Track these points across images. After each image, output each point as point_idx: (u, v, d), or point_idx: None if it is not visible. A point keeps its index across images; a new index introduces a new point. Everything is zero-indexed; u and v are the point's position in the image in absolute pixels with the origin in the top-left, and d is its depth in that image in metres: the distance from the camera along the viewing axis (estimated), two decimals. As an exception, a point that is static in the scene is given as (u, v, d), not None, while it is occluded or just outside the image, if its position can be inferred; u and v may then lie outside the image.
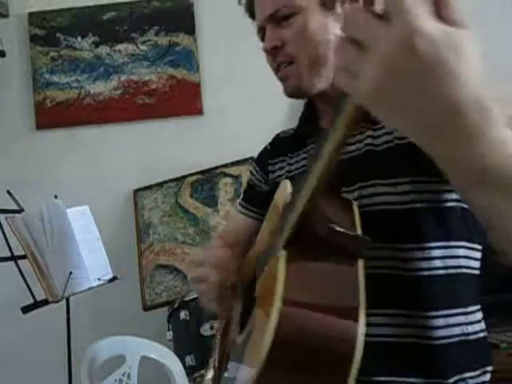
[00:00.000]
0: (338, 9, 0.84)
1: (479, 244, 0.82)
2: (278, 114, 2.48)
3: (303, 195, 0.60)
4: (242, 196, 1.13)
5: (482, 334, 0.81)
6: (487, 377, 0.83)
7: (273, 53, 0.88)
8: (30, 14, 2.51)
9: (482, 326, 0.82)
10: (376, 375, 0.75)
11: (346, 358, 0.55)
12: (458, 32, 0.41)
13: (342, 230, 0.61)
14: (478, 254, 0.82)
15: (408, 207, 0.76)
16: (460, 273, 0.79)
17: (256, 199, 1.05)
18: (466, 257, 0.79)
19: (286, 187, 0.80)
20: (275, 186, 0.90)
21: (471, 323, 0.79)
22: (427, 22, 0.40)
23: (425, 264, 0.76)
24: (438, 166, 0.48)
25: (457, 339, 0.77)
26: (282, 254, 0.61)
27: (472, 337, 0.79)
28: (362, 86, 0.43)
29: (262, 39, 0.92)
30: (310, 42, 0.84)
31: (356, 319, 0.56)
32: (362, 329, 0.56)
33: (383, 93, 0.43)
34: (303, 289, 0.59)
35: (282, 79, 0.90)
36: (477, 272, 0.82)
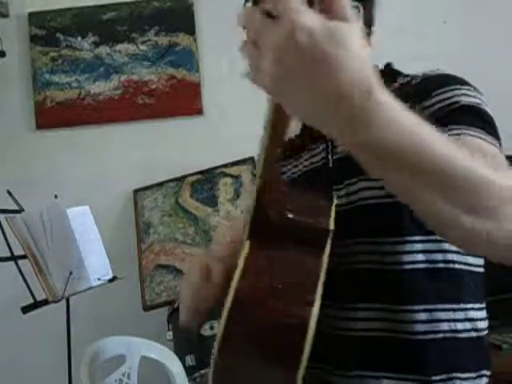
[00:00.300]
0: None
1: None
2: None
3: (255, 184, 0.65)
4: None
5: (474, 334, 0.79)
6: (483, 381, 0.80)
7: None
8: (30, 14, 2.51)
9: (479, 325, 0.80)
10: (349, 369, 0.76)
11: (295, 342, 0.57)
12: (338, 24, 0.44)
13: (296, 217, 0.65)
14: None
15: (390, 201, 0.75)
16: (449, 268, 0.78)
17: None
18: (458, 252, 0.78)
19: None
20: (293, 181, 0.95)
21: (461, 320, 0.78)
22: (308, 18, 0.44)
23: (406, 258, 0.77)
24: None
25: (442, 335, 0.76)
26: (245, 244, 0.65)
27: (462, 335, 0.77)
28: (261, 80, 0.48)
29: None
30: None
31: (308, 305, 0.58)
32: (313, 315, 0.58)
33: (279, 84, 0.47)
34: (257, 276, 0.62)
35: None
36: (476, 269, 0.81)
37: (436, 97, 0.79)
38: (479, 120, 0.76)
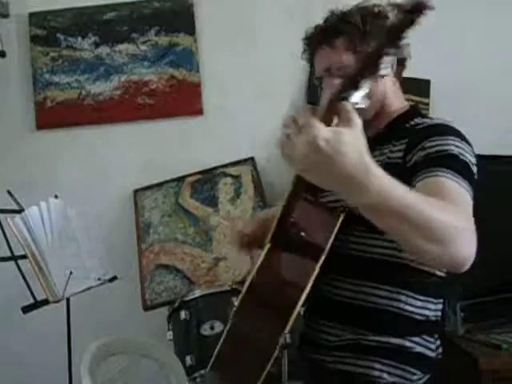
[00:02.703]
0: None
1: None
2: (279, 114, 2.47)
3: (281, 207, 1.04)
4: None
5: (418, 317, 1.16)
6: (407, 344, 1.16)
7: None
8: (31, 15, 2.51)
9: (426, 311, 1.16)
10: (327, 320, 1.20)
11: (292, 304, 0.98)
12: (342, 130, 0.71)
13: (305, 236, 1.04)
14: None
15: None
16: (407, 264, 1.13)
17: None
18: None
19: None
20: None
21: (409, 304, 1.14)
22: (322, 129, 0.70)
23: (377, 250, 1.14)
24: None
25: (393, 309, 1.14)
26: (266, 246, 1.05)
27: (406, 314, 1.14)
28: (292, 165, 0.75)
29: (319, 85, 1.27)
30: None
31: (302, 289, 0.99)
32: (301, 298, 0.99)
33: (304, 171, 0.75)
34: (270, 270, 1.04)
35: None
36: (426, 268, 1.14)
37: (433, 141, 1.09)
38: (458, 166, 1.04)
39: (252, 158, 2.41)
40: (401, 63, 1.25)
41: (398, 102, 1.26)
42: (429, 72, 2.28)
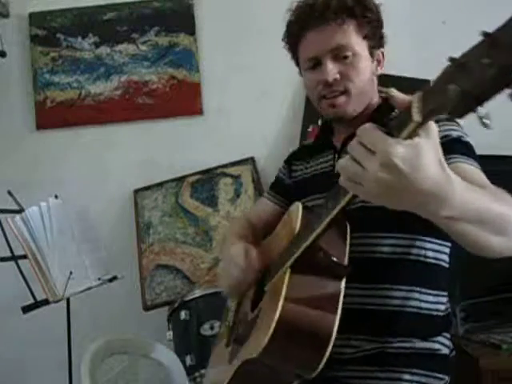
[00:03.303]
0: (374, 59, 1.14)
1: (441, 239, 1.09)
2: (278, 114, 2.48)
3: (308, 240, 0.88)
4: (270, 186, 1.41)
5: (435, 313, 1.09)
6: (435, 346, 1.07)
7: (332, 83, 1.09)
8: (31, 15, 2.51)
9: (440, 305, 1.10)
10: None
11: (324, 342, 0.88)
12: (419, 142, 0.63)
13: (328, 257, 0.93)
14: (437, 247, 1.09)
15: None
16: (408, 259, 1.07)
17: (280, 189, 1.34)
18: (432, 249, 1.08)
19: (298, 211, 1.05)
20: (296, 184, 1.28)
21: (424, 300, 1.07)
22: (396, 146, 0.62)
23: (386, 249, 1.06)
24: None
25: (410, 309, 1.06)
26: (288, 270, 0.93)
27: (424, 312, 1.07)
28: (365, 192, 0.67)
29: (313, 67, 1.12)
30: (360, 79, 1.10)
31: (333, 313, 0.89)
32: (336, 321, 0.89)
33: (380, 195, 0.66)
34: (299, 293, 0.92)
35: (331, 106, 1.12)
36: (434, 261, 1.09)
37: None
38: (466, 149, 1.01)
39: (252, 158, 2.41)
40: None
41: (377, 99, 1.19)
42: (429, 72, 2.27)
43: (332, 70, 1.08)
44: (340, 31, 1.07)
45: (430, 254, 1.08)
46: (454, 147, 0.99)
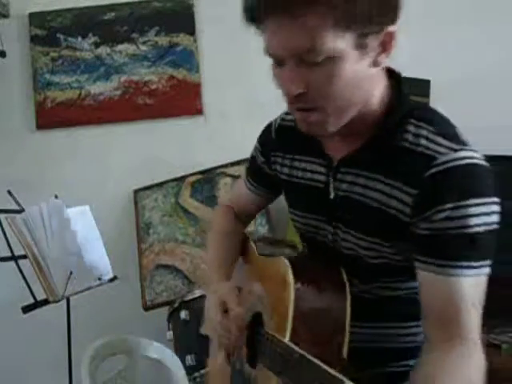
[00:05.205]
0: (370, 48, 0.76)
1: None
2: (278, 114, 2.47)
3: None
4: (246, 171, 1.16)
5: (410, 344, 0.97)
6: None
7: (294, 99, 0.79)
8: (31, 15, 2.51)
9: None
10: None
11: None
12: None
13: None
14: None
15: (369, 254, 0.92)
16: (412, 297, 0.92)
17: (262, 180, 1.12)
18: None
19: (286, 270, 0.89)
20: (286, 183, 1.02)
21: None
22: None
23: (402, 290, 0.94)
24: None
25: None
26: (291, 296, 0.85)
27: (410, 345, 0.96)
28: None
29: (278, 64, 0.80)
30: (339, 91, 0.77)
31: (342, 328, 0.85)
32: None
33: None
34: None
35: (303, 121, 0.83)
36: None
37: (442, 213, 0.78)
38: (481, 249, 0.78)
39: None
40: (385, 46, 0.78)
41: (380, 95, 0.85)
42: (429, 72, 2.28)
43: (294, 79, 0.77)
44: (308, 28, 0.72)
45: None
46: (461, 250, 0.78)
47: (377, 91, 0.84)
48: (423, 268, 0.80)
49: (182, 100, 2.48)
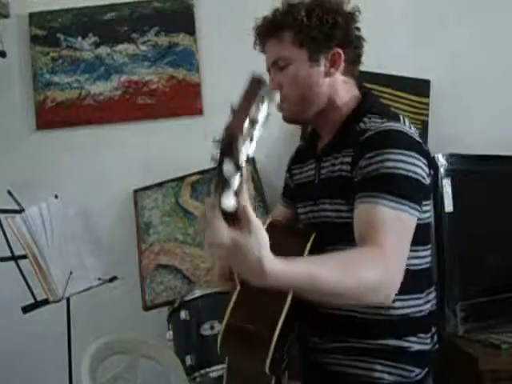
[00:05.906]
0: (322, 62, 1.16)
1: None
2: (278, 114, 2.48)
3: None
4: (281, 194, 1.48)
5: (412, 315, 1.15)
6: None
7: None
8: (31, 15, 2.51)
9: (420, 306, 1.16)
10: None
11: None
12: (240, 242, 0.78)
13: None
14: None
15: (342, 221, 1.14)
16: None
17: (288, 193, 1.43)
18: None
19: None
20: (295, 186, 1.36)
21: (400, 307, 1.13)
22: (224, 238, 0.78)
23: None
24: None
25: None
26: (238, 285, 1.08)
27: (398, 317, 1.13)
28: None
29: (269, 72, 1.24)
30: (298, 86, 1.17)
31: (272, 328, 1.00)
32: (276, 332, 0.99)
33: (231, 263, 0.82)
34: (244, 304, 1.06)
35: (279, 108, 1.20)
36: (416, 267, 1.13)
37: (368, 160, 1.05)
38: (398, 187, 1.01)
39: (252, 158, 2.41)
40: (353, 61, 1.19)
41: (348, 100, 1.19)
42: (429, 72, 2.28)
43: (273, 80, 1.20)
44: (278, 44, 1.18)
45: (414, 261, 1.11)
46: (381, 184, 1.02)
47: (342, 97, 1.18)
48: (357, 203, 1.03)
49: (182, 100, 2.48)
